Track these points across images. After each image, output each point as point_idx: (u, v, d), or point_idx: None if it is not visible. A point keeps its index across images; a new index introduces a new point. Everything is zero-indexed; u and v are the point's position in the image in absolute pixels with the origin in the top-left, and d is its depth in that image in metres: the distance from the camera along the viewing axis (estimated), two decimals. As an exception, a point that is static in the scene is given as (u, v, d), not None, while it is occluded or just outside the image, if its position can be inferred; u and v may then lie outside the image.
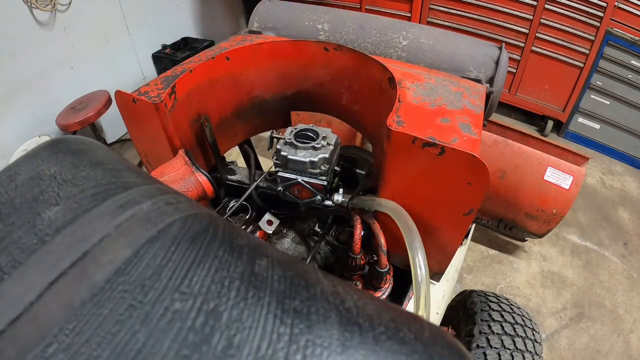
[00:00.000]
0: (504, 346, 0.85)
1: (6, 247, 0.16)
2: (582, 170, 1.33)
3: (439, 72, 0.62)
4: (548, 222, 1.40)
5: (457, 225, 0.52)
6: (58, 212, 0.18)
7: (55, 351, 0.13)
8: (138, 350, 0.13)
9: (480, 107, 0.51)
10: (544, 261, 1.78)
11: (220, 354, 0.13)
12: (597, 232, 1.92)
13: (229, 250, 0.17)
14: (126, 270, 0.15)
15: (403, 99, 0.50)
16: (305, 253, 0.64)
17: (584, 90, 2.22)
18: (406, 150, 0.45)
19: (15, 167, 0.21)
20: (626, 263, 1.80)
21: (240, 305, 0.15)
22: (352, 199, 0.56)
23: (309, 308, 0.15)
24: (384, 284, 0.59)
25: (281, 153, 0.50)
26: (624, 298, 1.66)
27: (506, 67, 0.68)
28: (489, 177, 0.43)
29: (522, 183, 1.34)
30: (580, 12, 2.01)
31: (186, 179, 0.64)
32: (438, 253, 0.58)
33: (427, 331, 0.16)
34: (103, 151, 0.24)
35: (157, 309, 0.14)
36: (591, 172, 2.25)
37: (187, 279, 0.15)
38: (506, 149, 1.33)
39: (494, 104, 0.66)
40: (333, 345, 0.14)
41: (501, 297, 0.98)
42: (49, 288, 0.15)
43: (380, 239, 0.54)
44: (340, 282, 0.18)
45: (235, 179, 0.66)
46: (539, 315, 1.57)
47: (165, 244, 0.17)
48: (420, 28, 0.74)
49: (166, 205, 0.19)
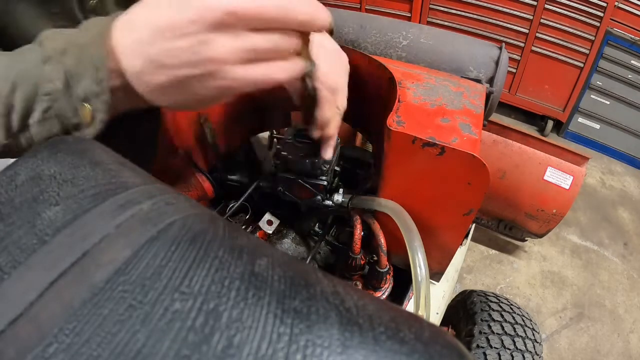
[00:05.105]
0: (504, 346, 0.85)
1: (6, 247, 0.16)
2: (582, 170, 1.33)
3: (439, 72, 0.62)
4: (548, 222, 1.40)
5: (457, 225, 0.52)
6: (58, 212, 0.18)
7: (55, 351, 0.13)
8: (138, 350, 0.13)
9: (480, 107, 0.51)
10: (544, 261, 1.78)
11: (221, 353, 0.13)
12: (597, 232, 1.92)
13: (229, 250, 0.18)
14: (126, 270, 0.15)
15: (403, 99, 0.50)
16: (305, 253, 0.64)
17: (584, 90, 2.22)
18: (406, 150, 0.45)
19: (15, 167, 0.21)
20: (626, 263, 1.80)
21: (241, 305, 0.15)
22: (352, 199, 0.56)
23: (309, 308, 0.15)
24: (384, 284, 0.59)
25: (281, 153, 0.50)
26: (624, 298, 1.66)
27: (506, 67, 0.68)
28: (489, 177, 0.43)
29: (522, 183, 1.34)
30: (580, 12, 2.01)
31: (186, 179, 0.64)
32: (438, 253, 0.58)
33: (427, 331, 0.16)
34: (103, 151, 0.24)
35: (157, 309, 0.14)
36: (591, 172, 2.25)
37: (187, 278, 0.15)
38: (506, 149, 1.33)
39: (494, 104, 0.66)
40: (333, 345, 0.14)
41: (501, 297, 0.98)
42: (49, 288, 0.15)
43: (380, 239, 0.54)
44: (340, 282, 0.18)
45: (235, 179, 0.66)
46: (539, 315, 1.57)
47: (165, 244, 0.17)
48: (420, 28, 0.74)
49: (166, 205, 0.20)
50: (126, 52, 0.29)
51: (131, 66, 0.29)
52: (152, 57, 0.28)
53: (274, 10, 0.27)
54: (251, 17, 0.27)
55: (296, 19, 0.29)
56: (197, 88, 0.30)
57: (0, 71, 0.33)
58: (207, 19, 0.26)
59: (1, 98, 0.31)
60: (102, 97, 0.30)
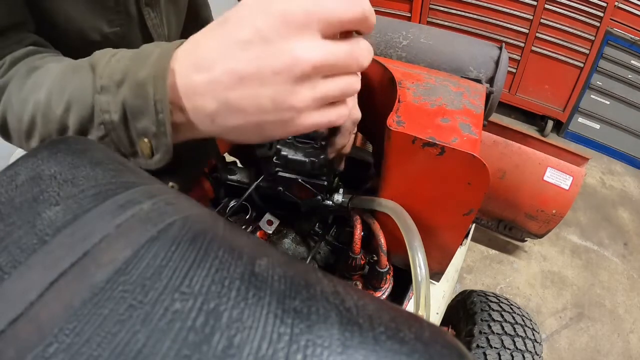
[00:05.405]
0: (504, 346, 0.85)
1: (6, 247, 0.16)
2: (582, 170, 1.33)
3: (439, 72, 0.62)
4: (548, 222, 1.40)
5: (457, 225, 0.52)
6: (58, 212, 0.18)
7: (55, 351, 0.13)
8: (138, 350, 0.13)
9: (480, 107, 0.51)
10: (544, 261, 1.78)
11: (221, 353, 0.13)
12: (597, 232, 1.92)
13: (229, 250, 0.18)
14: (126, 270, 0.15)
15: (403, 99, 0.50)
16: (305, 253, 0.64)
17: (584, 90, 2.22)
18: (406, 150, 0.45)
19: (15, 167, 0.21)
20: (626, 263, 1.80)
21: (241, 305, 0.15)
22: (352, 199, 0.56)
23: (309, 308, 0.15)
24: (384, 284, 0.59)
25: (281, 153, 0.50)
26: (624, 298, 1.66)
27: (506, 67, 0.68)
28: (489, 177, 0.43)
29: (521, 183, 1.34)
30: (580, 12, 2.01)
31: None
32: (438, 253, 0.58)
33: (427, 331, 0.16)
34: (103, 151, 0.24)
35: (157, 308, 0.14)
36: (591, 172, 2.25)
37: (187, 278, 0.15)
38: (506, 150, 1.33)
39: (494, 104, 0.66)
40: (333, 345, 0.14)
41: (501, 297, 0.98)
42: (49, 288, 0.15)
43: (380, 239, 0.54)
44: (340, 282, 0.18)
45: (235, 179, 0.66)
46: (539, 315, 1.57)
47: (165, 243, 0.17)
48: (420, 28, 0.74)
49: (166, 205, 0.20)
50: (198, 92, 0.27)
51: (202, 107, 0.27)
52: (230, 101, 0.27)
53: (345, 57, 0.27)
54: (329, 67, 0.27)
55: (362, 65, 0.29)
56: (270, 131, 0.29)
57: (55, 84, 0.32)
58: (294, 72, 0.26)
59: (55, 116, 0.31)
60: (163, 140, 0.29)
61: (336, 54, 0.27)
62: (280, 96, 0.26)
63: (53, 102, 0.31)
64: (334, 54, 0.26)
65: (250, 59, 0.26)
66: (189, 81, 0.27)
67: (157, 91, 0.27)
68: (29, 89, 0.33)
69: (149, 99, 0.27)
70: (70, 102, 0.30)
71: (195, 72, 0.27)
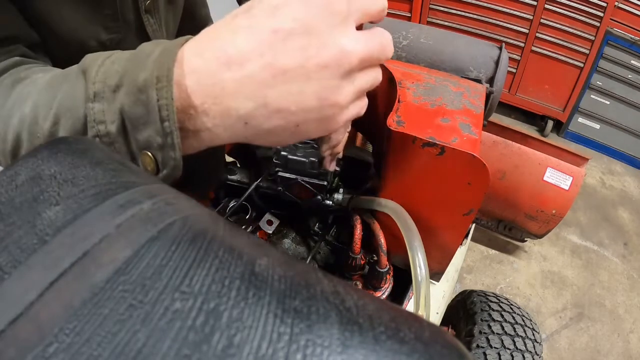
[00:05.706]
0: (504, 346, 0.85)
1: (6, 247, 0.16)
2: (582, 171, 1.33)
3: (439, 72, 0.62)
4: (547, 222, 1.40)
5: (457, 225, 0.52)
6: (58, 211, 0.18)
7: (55, 351, 0.13)
8: (138, 350, 0.13)
9: (480, 107, 0.51)
10: (544, 261, 1.78)
11: (221, 353, 0.13)
12: (597, 232, 1.92)
13: (229, 250, 0.18)
14: (126, 270, 0.15)
15: (403, 99, 0.50)
16: (305, 253, 0.64)
17: (584, 90, 2.22)
18: (406, 150, 0.45)
19: (15, 167, 0.21)
20: (626, 263, 1.80)
21: (241, 305, 0.15)
22: (352, 199, 0.56)
23: (309, 308, 0.15)
24: (384, 284, 0.59)
25: (281, 153, 0.50)
26: (624, 298, 1.66)
27: (506, 67, 0.68)
28: (489, 177, 0.43)
29: (521, 184, 1.34)
30: (580, 12, 2.01)
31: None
32: (438, 253, 0.58)
33: (427, 331, 0.16)
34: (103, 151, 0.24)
35: (157, 308, 0.14)
36: (591, 172, 2.25)
37: (187, 278, 0.15)
38: (506, 150, 1.33)
39: (494, 104, 0.67)
40: (333, 344, 0.14)
41: (501, 297, 0.98)
42: (49, 288, 0.15)
43: (380, 239, 0.54)
44: (340, 282, 0.18)
45: (235, 179, 0.66)
46: (539, 315, 1.57)
47: (165, 243, 0.17)
48: (420, 28, 0.74)
49: (166, 205, 0.20)
50: (228, 92, 0.23)
51: (234, 109, 0.24)
52: (268, 100, 0.24)
53: (378, 49, 0.26)
54: (369, 60, 0.25)
55: (388, 56, 0.27)
56: (307, 132, 0.27)
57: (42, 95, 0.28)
58: (342, 66, 0.24)
59: (42, 132, 0.27)
60: (170, 153, 0.25)
61: (372, 45, 0.25)
62: (325, 92, 0.24)
63: (40, 115, 0.27)
64: (371, 46, 0.25)
65: (293, 51, 0.23)
66: (216, 80, 0.23)
67: (161, 95, 0.23)
68: (13, 103, 0.30)
69: (151, 104, 0.23)
70: (58, 114, 0.26)
71: (224, 68, 0.23)
